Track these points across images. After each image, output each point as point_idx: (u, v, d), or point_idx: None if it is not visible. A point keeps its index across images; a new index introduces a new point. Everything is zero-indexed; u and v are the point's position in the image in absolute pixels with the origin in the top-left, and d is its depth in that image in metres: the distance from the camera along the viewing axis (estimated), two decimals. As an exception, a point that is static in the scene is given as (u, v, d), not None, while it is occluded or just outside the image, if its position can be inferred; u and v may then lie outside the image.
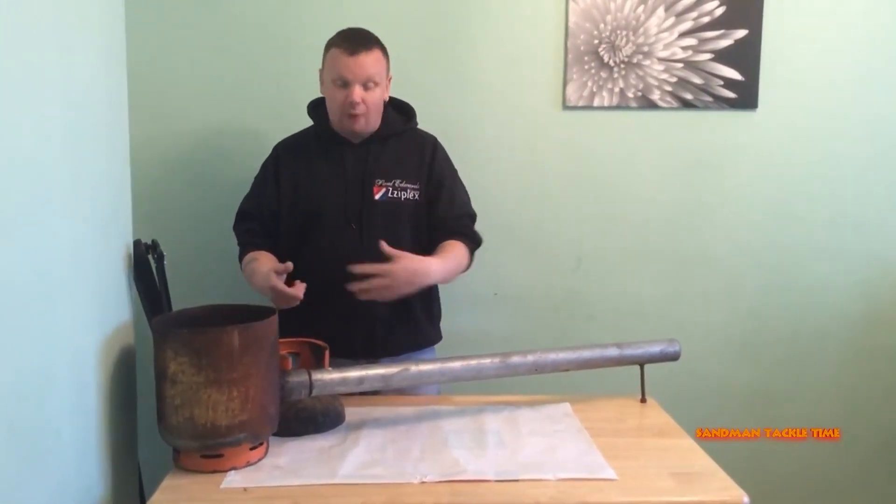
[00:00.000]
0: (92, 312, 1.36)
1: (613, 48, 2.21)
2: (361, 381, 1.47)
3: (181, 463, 1.34)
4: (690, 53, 2.22)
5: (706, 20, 2.21)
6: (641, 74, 2.23)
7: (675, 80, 2.23)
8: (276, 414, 1.38)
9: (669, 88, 2.24)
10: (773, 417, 2.34)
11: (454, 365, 1.56)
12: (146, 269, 1.65)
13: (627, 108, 2.25)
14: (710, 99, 2.24)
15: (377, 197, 1.79)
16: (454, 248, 1.79)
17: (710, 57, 2.23)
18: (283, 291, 1.58)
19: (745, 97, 2.25)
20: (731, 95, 2.24)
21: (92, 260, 1.37)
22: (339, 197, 1.80)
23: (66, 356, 1.23)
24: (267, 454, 1.38)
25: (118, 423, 1.47)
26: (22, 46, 1.08)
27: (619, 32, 2.21)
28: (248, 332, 1.31)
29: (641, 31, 2.21)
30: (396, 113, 1.89)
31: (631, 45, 2.21)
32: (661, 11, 2.21)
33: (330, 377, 1.44)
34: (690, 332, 2.20)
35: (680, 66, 2.23)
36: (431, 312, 1.92)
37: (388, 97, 1.84)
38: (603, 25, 2.20)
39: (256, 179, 1.89)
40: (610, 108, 2.24)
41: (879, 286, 2.36)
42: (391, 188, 1.80)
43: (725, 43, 2.22)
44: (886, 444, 2.41)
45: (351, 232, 1.78)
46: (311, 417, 1.50)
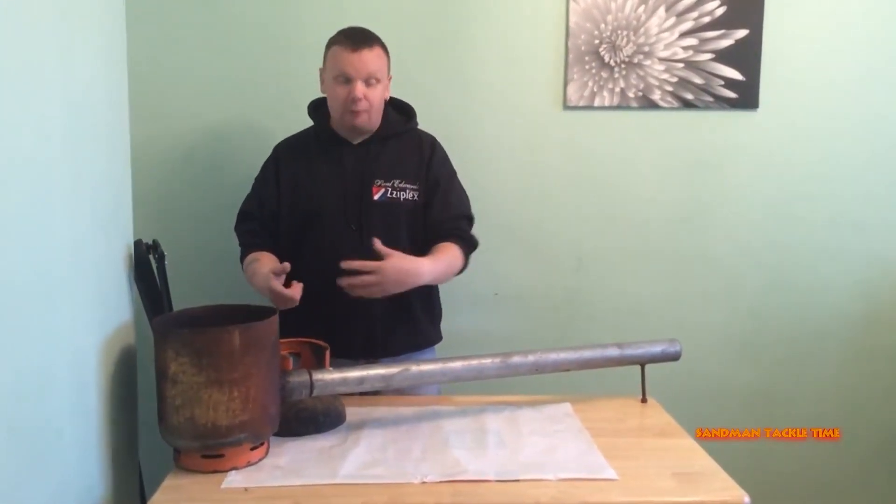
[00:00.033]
0: (92, 312, 1.36)
1: (614, 48, 2.21)
2: (362, 381, 1.47)
3: (182, 463, 1.34)
4: (691, 53, 2.22)
5: (707, 20, 2.21)
6: (642, 74, 2.23)
7: (675, 80, 2.23)
8: (276, 414, 1.38)
9: (670, 88, 2.24)
10: (773, 417, 2.34)
11: (455, 365, 1.55)
12: (147, 268, 1.65)
13: (628, 108, 2.25)
14: (710, 99, 2.24)
15: (376, 197, 1.79)
16: (447, 250, 1.78)
17: (710, 57, 2.23)
18: (280, 293, 1.58)
19: (745, 97, 2.25)
20: (731, 95, 2.24)
21: (92, 260, 1.37)
22: (338, 197, 1.79)
23: (66, 356, 1.23)
24: (268, 454, 1.39)
25: (119, 423, 1.47)
26: (22, 46, 1.08)
27: (619, 32, 2.20)
28: (248, 332, 1.31)
29: (642, 31, 2.21)
30: (396, 113, 1.88)
31: (632, 45, 2.21)
32: (661, 11, 2.20)
33: (331, 377, 1.44)
34: (690, 332, 2.20)
35: (681, 66, 2.23)
36: (432, 313, 1.92)
37: (388, 96, 1.84)
38: (604, 25, 2.20)
39: (257, 180, 1.89)
40: (611, 108, 2.24)
41: (879, 286, 2.36)
42: (390, 188, 1.80)
43: (726, 43, 2.22)
44: (886, 444, 2.41)
45: (350, 232, 1.78)
46: (311, 417, 1.50)
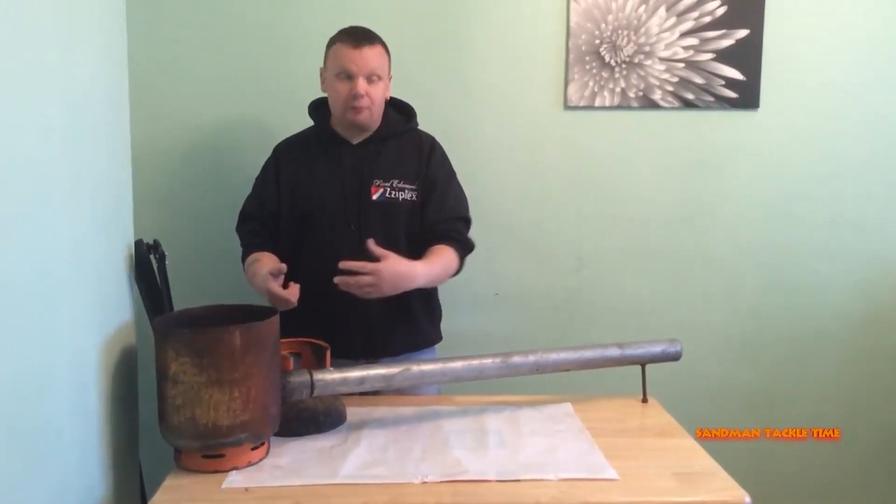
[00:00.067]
0: (93, 312, 1.36)
1: (615, 48, 2.21)
2: (363, 381, 1.47)
3: (182, 463, 1.34)
4: (692, 53, 2.22)
5: (707, 20, 2.21)
6: (643, 74, 2.23)
7: (676, 79, 2.23)
8: (277, 414, 1.38)
9: (671, 88, 2.23)
10: (773, 417, 2.34)
11: (456, 365, 1.55)
12: (148, 268, 1.65)
13: (629, 108, 2.25)
14: (711, 99, 2.24)
15: (375, 197, 1.79)
16: (442, 253, 1.77)
17: (711, 57, 2.23)
18: (277, 294, 1.58)
19: (746, 97, 2.25)
20: (732, 95, 2.24)
21: (93, 260, 1.37)
22: (337, 197, 1.79)
23: (67, 356, 1.23)
24: (268, 454, 1.39)
25: (119, 423, 1.47)
26: (23, 46, 1.08)
27: (620, 32, 2.20)
28: (249, 332, 1.31)
29: (643, 30, 2.21)
30: (397, 113, 1.88)
31: (632, 44, 2.21)
32: (662, 11, 2.20)
33: (331, 377, 1.44)
34: (691, 331, 2.20)
35: (681, 65, 2.23)
36: (432, 313, 1.91)
37: (388, 96, 1.84)
38: (604, 25, 2.20)
39: (257, 180, 1.89)
40: (611, 108, 2.24)
41: (879, 286, 2.36)
42: (389, 188, 1.79)
43: (727, 43, 2.22)
44: (886, 444, 2.41)
45: (349, 232, 1.77)
46: (312, 417, 1.50)
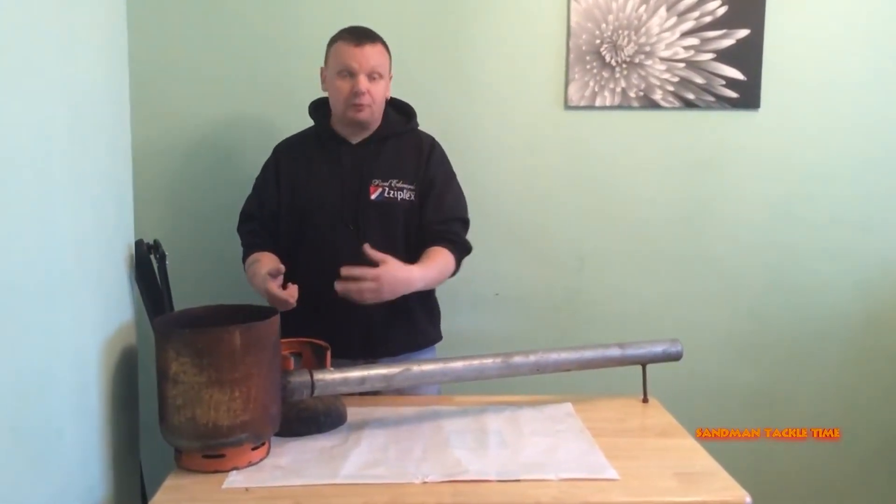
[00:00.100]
0: (94, 312, 1.36)
1: (615, 48, 2.21)
2: (363, 380, 1.46)
3: (183, 463, 1.34)
4: (692, 53, 2.22)
5: (708, 20, 2.21)
6: (643, 74, 2.23)
7: (677, 79, 2.23)
8: (277, 414, 1.38)
9: (671, 88, 2.23)
10: (773, 417, 2.34)
11: (456, 365, 1.55)
12: (148, 268, 1.65)
13: (629, 107, 2.25)
14: (712, 99, 2.24)
15: (373, 196, 1.78)
16: (439, 255, 1.76)
17: (712, 57, 2.23)
18: (276, 295, 1.58)
19: (747, 97, 2.25)
20: (733, 95, 2.24)
21: (94, 260, 1.37)
22: (336, 196, 1.79)
23: (67, 356, 1.23)
24: (269, 454, 1.38)
25: (120, 423, 1.47)
26: (24, 46, 1.08)
27: (620, 32, 2.20)
28: (249, 332, 1.31)
29: (643, 30, 2.21)
30: (397, 113, 1.88)
31: (633, 44, 2.21)
32: (662, 11, 2.20)
33: (332, 377, 1.44)
34: (691, 332, 2.20)
35: (682, 65, 2.23)
36: (431, 312, 1.91)
37: (389, 96, 1.84)
38: (605, 25, 2.20)
39: (257, 181, 1.89)
40: (612, 107, 2.24)
41: (879, 286, 2.36)
42: (388, 188, 1.79)
43: (727, 43, 2.22)
44: (886, 444, 2.41)
45: (348, 231, 1.77)
46: (312, 417, 1.50)
